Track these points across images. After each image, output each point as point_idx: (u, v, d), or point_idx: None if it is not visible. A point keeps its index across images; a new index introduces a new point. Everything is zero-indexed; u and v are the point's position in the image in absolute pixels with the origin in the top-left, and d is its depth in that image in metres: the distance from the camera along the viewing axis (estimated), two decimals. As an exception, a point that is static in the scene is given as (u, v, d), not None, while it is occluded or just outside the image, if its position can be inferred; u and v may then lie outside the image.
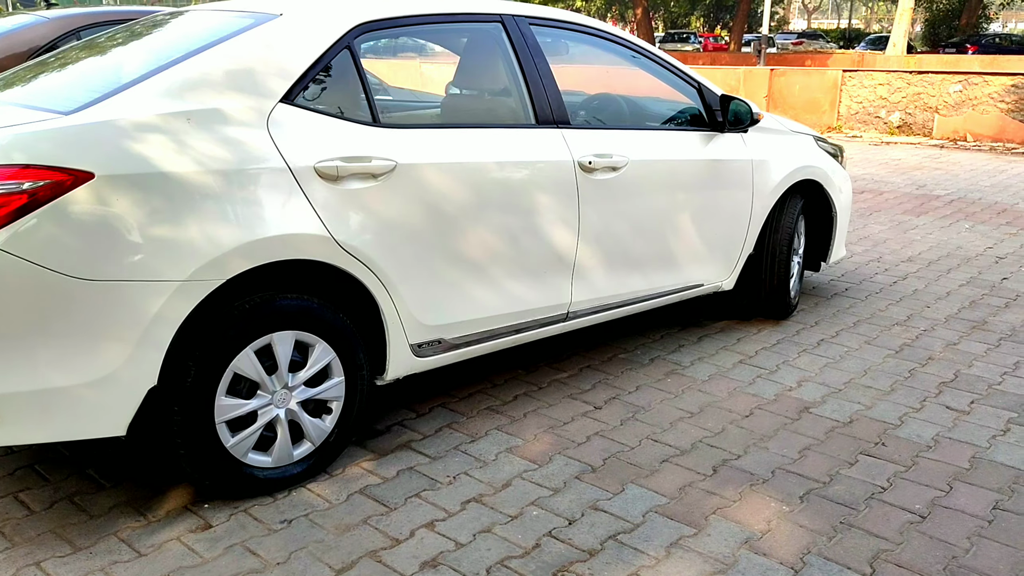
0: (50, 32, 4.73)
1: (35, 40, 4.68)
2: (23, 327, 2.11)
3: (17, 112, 2.30)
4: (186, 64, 2.43)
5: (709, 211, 3.70)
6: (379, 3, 2.86)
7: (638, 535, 2.40)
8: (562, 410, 3.22)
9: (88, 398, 2.21)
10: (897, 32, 28.89)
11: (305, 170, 2.48)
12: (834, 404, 3.28)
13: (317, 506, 2.54)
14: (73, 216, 2.12)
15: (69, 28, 4.78)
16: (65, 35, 4.76)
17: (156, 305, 2.23)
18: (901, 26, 28.69)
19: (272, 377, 2.52)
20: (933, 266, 5.39)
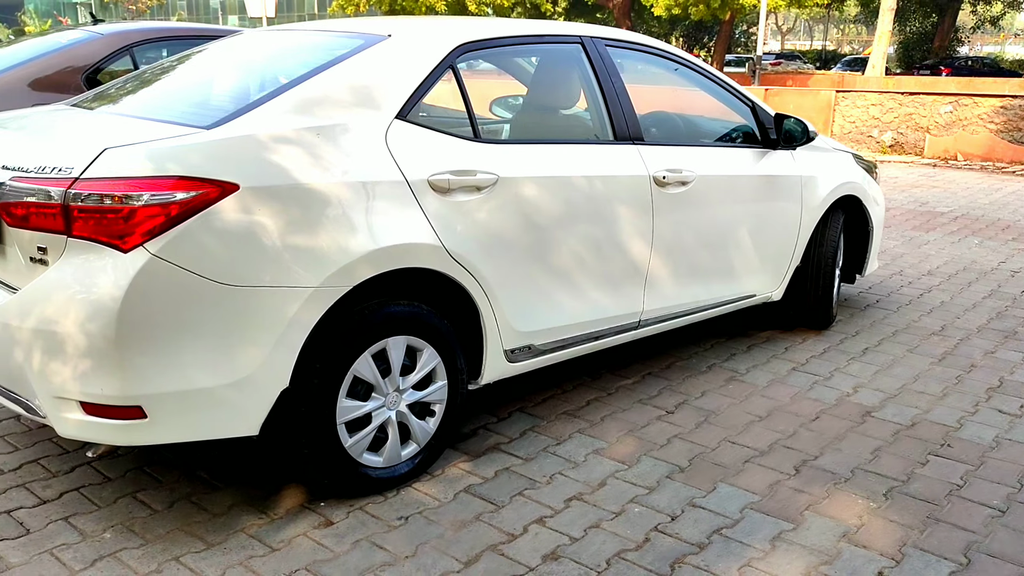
0: (104, 48, 4.82)
1: (90, 56, 4.77)
2: (173, 330, 2.21)
3: (155, 126, 2.41)
4: (312, 82, 2.55)
5: (763, 225, 3.86)
6: (477, 25, 3.01)
7: (740, 530, 2.53)
8: (636, 414, 3.34)
9: (229, 398, 2.31)
10: (876, 53, 29.50)
11: (420, 183, 2.61)
12: (893, 409, 3.44)
13: (428, 504, 2.64)
14: (220, 225, 2.23)
15: (123, 44, 4.87)
16: (119, 51, 4.86)
17: (292, 310, 2.34)
18: (880, 48, 29.31)
19: (386, 380, 2.63)
20: (953, 279, 5.59)
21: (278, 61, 2.92)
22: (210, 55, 3.16)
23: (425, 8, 27.56)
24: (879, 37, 29.22)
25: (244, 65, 2.96)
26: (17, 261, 2.32)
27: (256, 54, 3.04)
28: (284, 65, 2.82)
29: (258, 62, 2.95)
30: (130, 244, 2.15)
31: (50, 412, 2.26)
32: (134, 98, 2.90)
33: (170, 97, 2.82)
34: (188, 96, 2.80)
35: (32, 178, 2.22)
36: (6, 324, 2.25)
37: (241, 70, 2.93)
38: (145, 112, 2.66)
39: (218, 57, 3.11)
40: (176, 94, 2.84)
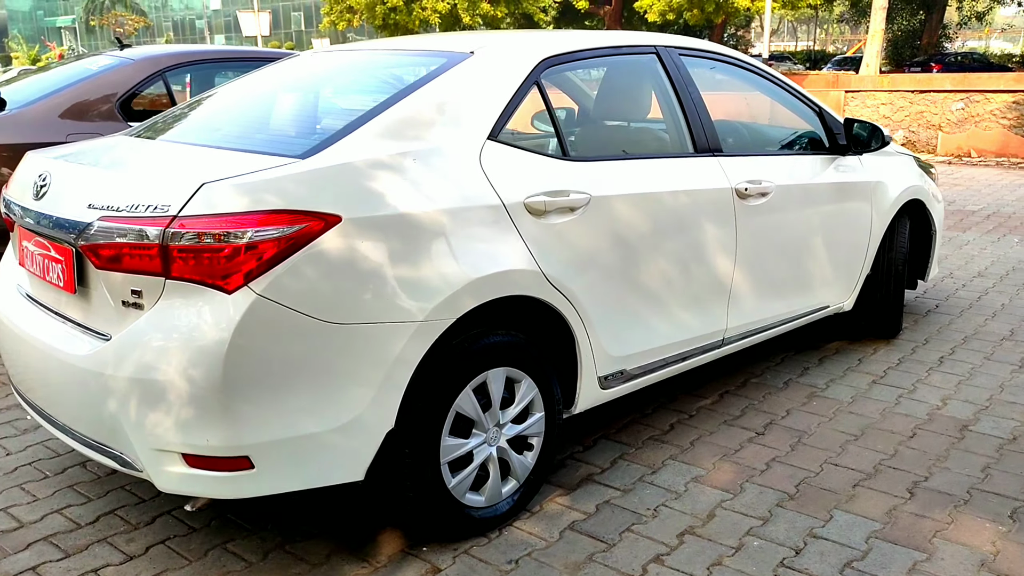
0: (136, 74, 4.69)
1: (123, 83, 4.63)
2: (280, 374, 2.07)
3: (245, 157, 2.27)
4: (401, 104, 2.41)
5: (837, 233, 3.74)
6: (558, 38, 2.88)
7: (872, 562, 2.40)
8: (725, 437, 3.21)
9: (336, 443, 2.17)
10: (870, 52, 29.46)
11: (516, 206, 2.48)
12: (989, 422, 3.31)
13: (535, 545, 2.50)
14: (324, 260, 2.09)
15: (156, 69, 4.74)
16: (152, 76, 4.72)
17: (398, 346, 2.20)
18: (873, 46, 29.28)
19: (486, 415, 2.49)
20: (1006, 280, 5.48)
21: (356, 83, 2.79)
22: (275, 79, 3.03)
23: (419, 22, 27.51)
24: (872, 36, 29.21)
25: (318, 88, 2.83)
26: (106, 305, 2.17)
27: (328, 76, 2.91)
28: (365, 87, 2.69)
29: (334, 85, 2.81)
30: (234, 284, 2.01)
31: (149, 466, 2.11)
32: (206, 127, 2.77)
33: (248, 125, 2.69)
34: (267, 123, 2.67)
35: (125, 217, 2.08)
36: (99, 373, 2.11)
37: (316, 94, 2.80)
38: (227, 142, 2.52)
39: (285, 81, 2.98)
40: (253, 122, 2.70)
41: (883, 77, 26.58)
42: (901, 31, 45.38)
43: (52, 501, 2.77)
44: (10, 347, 2.51)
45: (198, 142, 2.54)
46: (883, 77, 26.58)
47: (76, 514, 2.69)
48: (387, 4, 27.34)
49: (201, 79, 5.24)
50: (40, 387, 2.40)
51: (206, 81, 5.10)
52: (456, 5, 26.91)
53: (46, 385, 2.35)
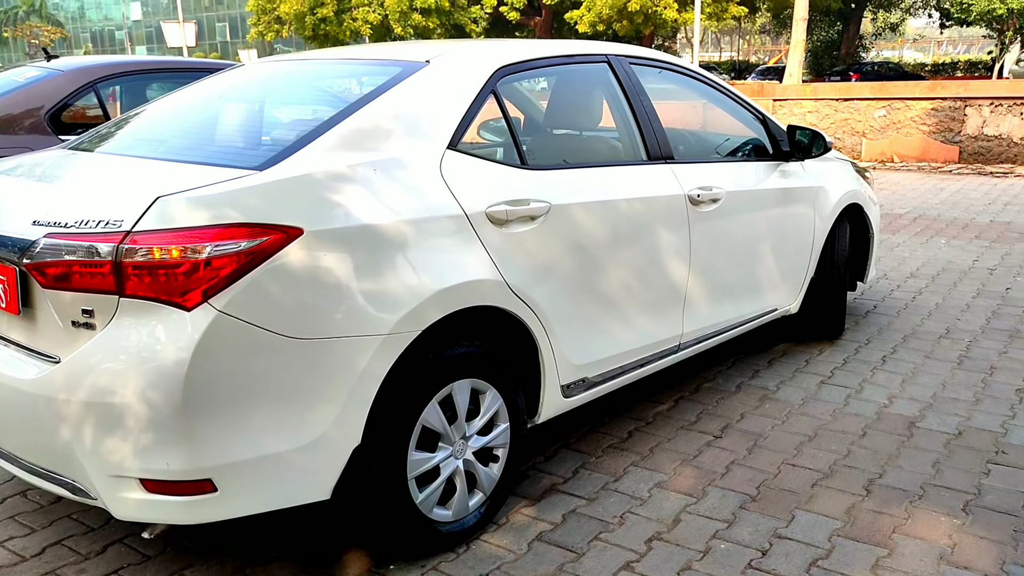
0: (67, 85, 4.52)
1: (53, 94, 4.46)
2: (243, 392, 2.00)
3: (199, 170, 2.19)
4: (360, 114, 2.37)
5: (783, 238, 3.81)
6: (512, 48, 2.87)
7: (836, 560, 2.43)
8: (683, 443, 3.23)
9: (301, 462, 2.11)
10: (793, 62, 30.35)
11: (478, 215, 2.45)
12: (935, 418, 3.41)
13: (504, 558, 2.47)
14: (287, 274, 2.04)
15: (87, 80, 4.58)
16: (83, 88, 4.56)
17: (364, 361, 2.16)
18: (796, 56, 30.18)
19: (452, 428, 2.46)
20: (938, 280, 5.67)
21: (308, 93, 2.73)
22: (220, 89, 2.94)
23: (350, 32, 27.27)
24: (794, 46, 30.09)
25: (269, 99, 2.76)
26: (53, 326, 2.07)
27: (278, 86, 2.84)
28: (318, 98, 2.63)
29: (285, 95, 2.75)
30: (193, 301, 1.94)
31: (104, 493, 2.02)
32: (151, 139, 2.67)
33: (196, 137, 2.60)
34: (217, 135, 2.58)
35: (74, 234, 1.98)
36: (49, 398, 2.01)
37: (268, 104, 2.72)
38: (176, 155, 2.44)
39: (232, 91, 2.90)
40: (201, 133, 2.61)
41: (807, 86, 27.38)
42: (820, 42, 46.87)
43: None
44: None
45: (145, 155, 2.45)
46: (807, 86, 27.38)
47: (19, 546, 2.55)
48: (317, 15, 27.03)
49: (134, 90, 5.09)
50: None
51: (138, 93, 4.95)
52: (388, 16, 26.76)
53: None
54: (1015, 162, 11.95)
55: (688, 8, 25.78)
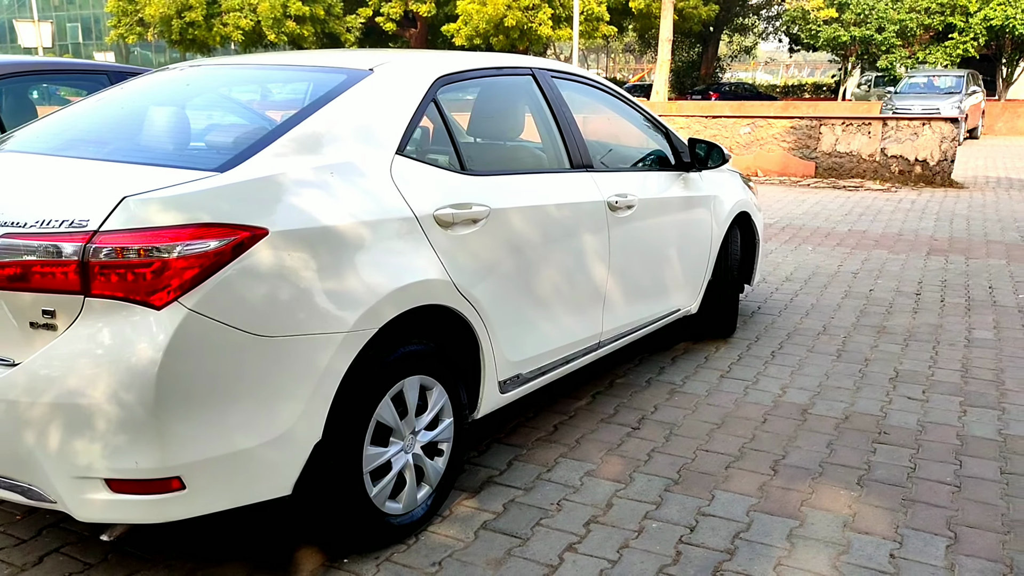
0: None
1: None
2: (212, 390, 2.03)
3: (153, 171, 2.20)
4: (313, 119, 2.43)
5: (686, 243, 4.09)
6: (449, 58, 3.00)
7: (756, 532, 2.68)
8: (606, 433, 3.43)
9: (266, 458, 2.16)
10: (659, 80, 31.76)
11: (426, 218, 2.56)
12: (823, 405, 3.76)
13: (454, 547, 2.58)
14: (254, 273, 2.09)
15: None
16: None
17: (326, 358, 2.22)
18: (662, 75, 31.60)
19: (403, 423, 2.55)
20: (810, 284, 6.16)
21: (253, 96, 2.75)
22: (153, 92, 2.92)
23: (220, 38, 26.49)
24: (660, 65, 31.50)
25: (212, 102, 2.77)
26: (7, 327, 2.03)
27: (218, 90, 2.85)
28: (265, 101, 2.66)
29: (228, 99, 2.76)
30: (163, 300, 1.96)
31: (66, 495, 2.00)
32: (92, 141, 2.63)
33: (142, 138, 2.58)
34: (165, 137, 2.57)
35: (34, 234, 1.96)
36: (9, 401, 1.97)
37: (212, 108, 2.73)
38: (126, 156, 2.42)
39: (168, 94, 2.88)
40: (146, 135, 2.59)
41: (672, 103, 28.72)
42: (682, 62, 49.04)
43: (-87, 551, 2.50)
44: None
45: (91, 156, 2.42)
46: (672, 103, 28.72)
47: (-53, 562, 2.46)
48: (184, 19, 26.11)
49: (18, 92, 4.88)
50: None
51: (22, 95, 4.75)
52: (260, 23, 26.17)
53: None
54: (864, 177, 12.98)
55: (561, 26, 26.54)
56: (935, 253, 7.36)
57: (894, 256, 7.24)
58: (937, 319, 5.20)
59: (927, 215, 9.60)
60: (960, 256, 7.23)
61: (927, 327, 5.01)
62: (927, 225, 8.90)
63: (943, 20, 27.80)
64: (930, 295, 5.84)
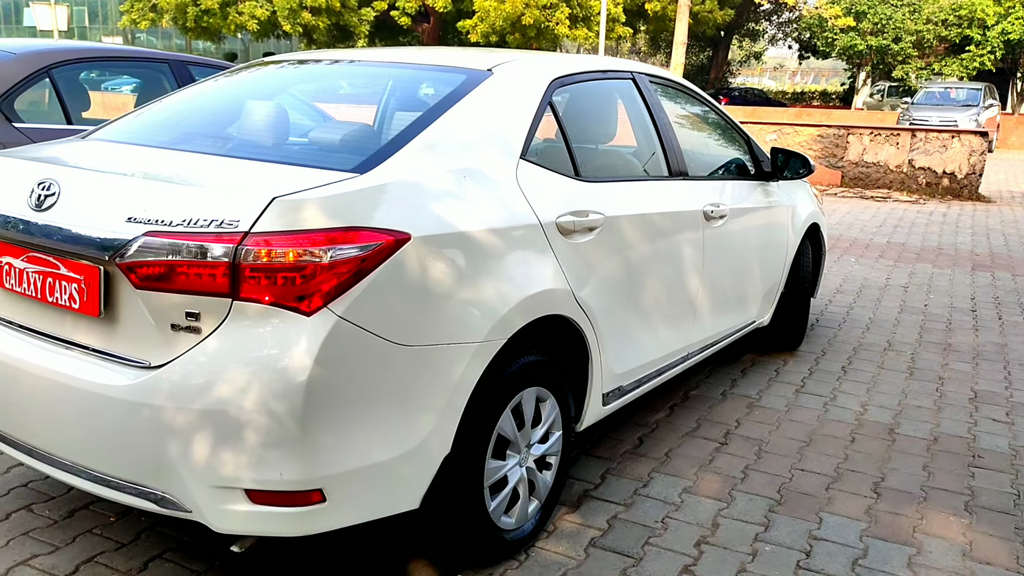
0: (20, 70, 4.20)
1: (5, 78, 4.13)
2: (355, 400, 1.95)
3: (291, 171, 2.12)
4: (441, 122, 2.34)
5: (766, 254, 4.02)
6: (560, 60, 2.92)
7: (874, 559, 2.60)
8: (693, 448, 3.35)
9: (401, 471, 2.08)
10: (673, 83, 31.60)
11: (549, 225, 2.48)
12: (909, 425, 3.68)
13: (566, 564, 2.50)
14: (397, 280, 2.01)
15: (42, 65, 4.27)
16: (36, 73, 4.25)
17: (461, 368, 2.14)
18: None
19: (519, 436, 2.47)
20: (862, 296, 6.09)
21: (376, 96, 2.67)
22: (266, 87, 2.83)
23: (235, 27, 26.36)
24: (673, 68, 31.36)
25: (331, 100, 2.68)
26: (145, 329, 1.95)
27: (335, 87, 2.76)
28: (389, 100, 2.58)
29: (349, 97, 2.68)
30: (313, 306, 1.88)
31: (204, 505, 1.91)
32: (211, 135, 2.54)
33: (262, 134, 2.49)
34: (289, 133, 2.48)
35: (181, 233, 1.88)
36: (147, 405, 1.89)
37: (325, 104, 2.65)
38: (254, 153, 2.33)
39: (280, 87, 2.80)
40: (267, 130, 2.50)
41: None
42: (692, 66, 48.99)
43: (6, 554, 2.42)
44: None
45: (215, 152, 2.34)
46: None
47: (47, 564, 2.37)
48: (200, 6, 25.96)
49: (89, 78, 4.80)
50: (35, 422, 2.10)
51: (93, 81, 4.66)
52: (276, 12, 26.05)
53: (48, 419, 2.07)
54: (891, 188, 12.92)
55: (578, 25, 26.44)
56: (980, 269, 7.29)
57: (939, 271, 7.17)
58: (1000, 337, 5.13)
59: (962, 229, 9.54)
60: (1005, 273, 7.17)
61: (992, 345, 4.94)
62: (964, 240, 8.83)
63: (960, 32, 27.76)
64: (985, 312, 5.77)
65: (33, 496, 2.75)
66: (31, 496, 2.74)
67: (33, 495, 2.75)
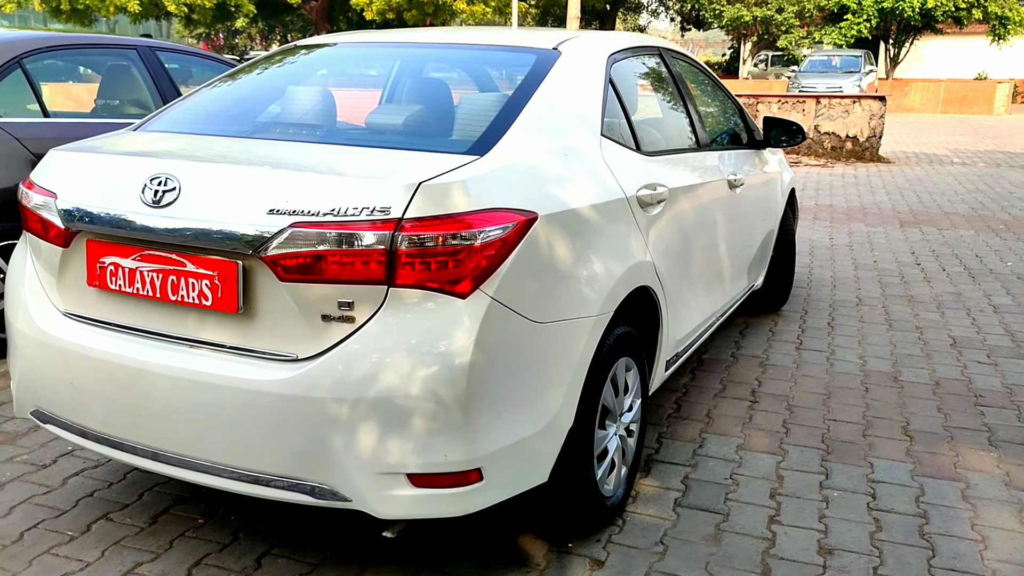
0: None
1: (-27, 67, 3.87)
2: (505, 379, 1.99)
3: (409, 156, 2.11)
4: (535, 102, 2.36)
5: (764, 219, 4.20)
6: (610, 36, 2.97)
7: (933, 495, 2.81)
8: (729, 407, 3.51)
9: (537, 446, 2.12)
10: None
11: (632, 199, 2.55)
12: (909, 372, 3.95)
13: (662, 525, 2.60)
14: (530, 258, 2.04)
15: (11, 55, 4.01)
16: (7, 63, 3.99)
17: (582, 342, 2.20)
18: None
19: (616, 405, 2.54)
20: (816, 257, 6.42)
21: (448, 77, 2.66)
22: (335, 67, 2.79)
23: (114, 8, 24.99)
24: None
25: (410, 81, 2.66)
26: (292, 321, 1.92)
27: (412, 67, 2.72)
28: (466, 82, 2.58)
29: (425, 77, 2.65)
30: (467, 288, 1.90)
31: (367, 492, 1.91)
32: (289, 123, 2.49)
33: (365, 118, 2.44)
34: (387, 118, 2.42)
35: (331, 223, 1.85)
36: (307, 398, 1.87)
37: (414, 87, 2.62)
38: (357, 139, 2.30)
39: (353, 72, 2.75)
40: (360, 116, 2.46)
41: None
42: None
43: (110, 565, 2.34)
44: (102, 383, 2.09)
45: (315, 140, 2.30)
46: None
47: (157, 572, 2.31)
48: (76, -13, 24.50)
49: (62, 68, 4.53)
50: (163, 424, 2.04)
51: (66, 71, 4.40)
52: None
53: (182, 421, 2.01)
54: (799, 153, 13.52)
55: (475, 2, 26.33)
56: (907, 225, 7.78)
57: (872, 229, 7.61)
58: (952, 287, 5.51)
59: (876, 189, 10.11)
60: (931, 227, 7.67)
61: (948, 295, 5.31)
62: (882, 199, 9.37)
63: (838, 2, 29.10)
64: (929, 264, 6.18)
65: (105, 505, 2.64)
66: (103, 505, 2.64)
67: (105, 504, 2.65)
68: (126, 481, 2.78)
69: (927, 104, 26.82)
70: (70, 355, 2.11)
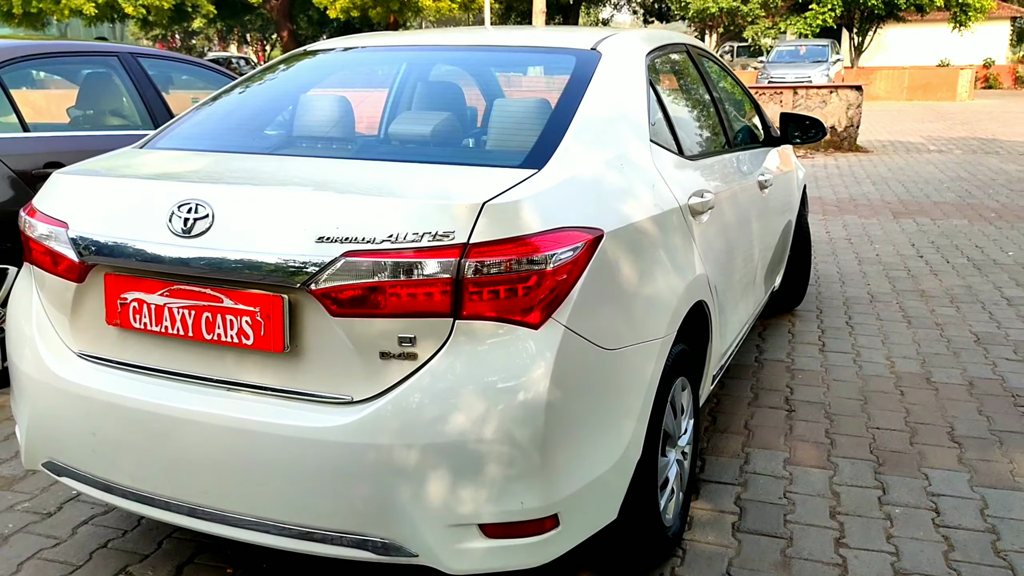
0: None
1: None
2: (580, 415, 1.81)
3: (460, 171, 1.93)
4: (584, 109, 2.18)
5: (785, 217, 4.06)
6: (643, 35, 2.80)
7: (997, 508, 2.68)
8: (766, 418, 3.36)
9: (610, 482, 1.95)
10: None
11: (684, 208, 2.39)
12: (940, 373, 3.83)
13: (726, 554, 2.45)
14: (599, 280, 1.87)
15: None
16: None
17: (650, 367, 2.03)
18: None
19: (675, 428, 2.38)
20: (817, 252, 6.31)
21: (483, 82, 2.46)
22: (356, 76, 2.57)
23: (68, 11, 24.32)
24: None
25: (447, 88, 2.46)
26: (341, 360, 1.72)
27: (443, 74, 2.53)
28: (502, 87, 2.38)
29: (463, 84, 2.46)
30: (539, 318, 1.72)
31: (438, 546, 1.72)
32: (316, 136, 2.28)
33: (388, 131, 2.25)
34: (426, 130, 2.22)
35: (388, 251, 1.66)
36: (371, 445, 1.68)
37: (451, 94, 2.43)
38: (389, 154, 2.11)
39: (381, 80, 2.55)
40: (393, 128, 2.26)
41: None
42: (546, 33, 49.13)
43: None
44: (131, 432, 1.87)
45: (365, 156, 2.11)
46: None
47: (188, 635, 2.10)
48: (29, -10, 23.78)
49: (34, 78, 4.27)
50: (201, 477, 1.83)
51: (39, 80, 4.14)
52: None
53: (224, 473, 1.80)
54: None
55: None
56: (900, 216, 7.72)
57: (866, 220, 7.54)
58: (961, 280, 5.43)
59: (861, 180, 10.08)
60: (924, 218, 7.62)
61: (959, 289, 5.23)
62: (869, 189, 9.33)
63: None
64: (931, 256, 6.11)
65: (123, 557, 2.42)
66: (121, 557, 2.42)
67: (123, 556, 2.43)
68: (141, 528, 2.56)
69: (892, 92, 27.05)
70: (92, 402, 1.89)
